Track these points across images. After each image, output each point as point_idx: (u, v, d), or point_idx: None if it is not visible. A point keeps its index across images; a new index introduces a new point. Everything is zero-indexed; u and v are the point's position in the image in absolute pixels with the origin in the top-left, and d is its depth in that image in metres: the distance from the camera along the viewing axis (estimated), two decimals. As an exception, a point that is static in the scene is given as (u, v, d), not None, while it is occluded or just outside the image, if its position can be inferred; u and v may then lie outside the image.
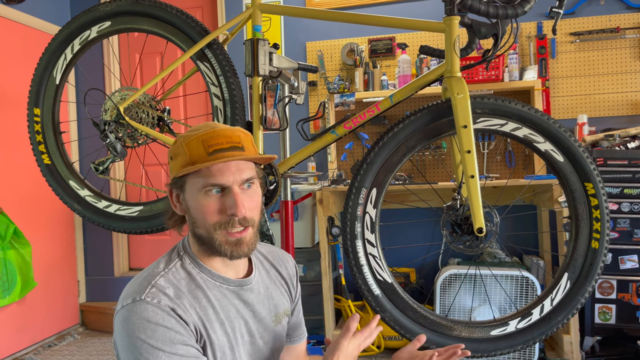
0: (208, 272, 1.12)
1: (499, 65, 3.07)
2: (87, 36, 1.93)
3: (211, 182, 1.05)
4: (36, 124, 2.00)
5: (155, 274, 1.07)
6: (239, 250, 1.08)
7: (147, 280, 1.06)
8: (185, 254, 1.13)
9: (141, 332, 0.98)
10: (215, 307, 1.10)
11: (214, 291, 1.11)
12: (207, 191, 1.06)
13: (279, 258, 1.32)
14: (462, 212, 1.65)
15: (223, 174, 1.05)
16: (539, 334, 1.62)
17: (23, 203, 3.34)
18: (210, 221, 1.06)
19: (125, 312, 1.01)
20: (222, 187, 1.06)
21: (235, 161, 1.06)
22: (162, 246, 3.91)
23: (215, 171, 1.05)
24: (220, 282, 1.13)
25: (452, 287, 2.68)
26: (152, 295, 1.02)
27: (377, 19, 1.75)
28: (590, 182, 1.57)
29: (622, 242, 2.63)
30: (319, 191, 2.85)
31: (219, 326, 1.09)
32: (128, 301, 1.02)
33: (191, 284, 1.09)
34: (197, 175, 1.06)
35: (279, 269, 1.30)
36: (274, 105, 2.00)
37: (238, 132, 1.10)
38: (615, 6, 3.17)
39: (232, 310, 1.13)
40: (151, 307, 1.00)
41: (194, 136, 1.06)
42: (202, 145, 1.05)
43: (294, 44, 3.58)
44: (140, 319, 0.99)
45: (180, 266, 1.11)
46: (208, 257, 1.13)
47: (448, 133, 1.62)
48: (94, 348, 3.40)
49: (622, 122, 3.14)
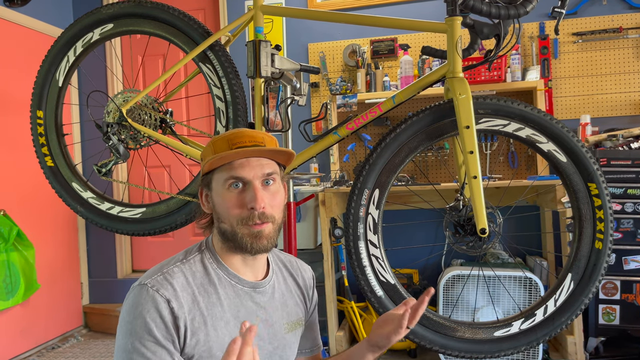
0: (225, 270, 1.15)
1: (501, 65, 3.06)
2: (89, 38, 1.94)
3: (233, 175, 1.10)
4: (39, 126, 2.00)
5: (172, 263, 1.13)
6: (259, 243, 1.11)
7: (161, 268, 1.11)
8: (207, 249, 1.17)
9: (127, 313, 1.05)
10: (224, 305, 1.11)
11: (227, 289, 1.13)
12: (229, 185, 1.11)
13: (298, 268, 1.34)
14: (464, 213, 1.64)
15: (244, 168, 1.10)
16: (543, 335, 1.62)
17: (26, 205, 3.35)
18: (233, 215, 1.10)
19: (131, 292, 1.09)
20: (243, 181, 1.10)
21: (256, 157, 1.11)
22: (165, 248, 3.92)
23: (236, 165, 1.10)
24: (236, 282, 1.15)
25: (455, 288, 2.68)
26: (155, 283, 1.06)
27: (379, 20, 1.74)
28: (594, 183, 1.56)
29: (626, 242, 2.62)
30: (321, 192, 2.85)
31: (223, 324, 1.10)
32: (137, 283, 1.09)
33: (205, 278, 1.12)
34: (220, 171, 1.12)
35: (297, 278, 1.32)
36: (276, 107, 2.00)
37: (263, 134, 1.15)
38: (617, 6, 3.16)
39: (242, 311, 1.14)
40: (145, 295, 1.04)
41: (221, 137, 1.14)
42: (226, 144, 1.12)
43: (296, 45, 3.58)
44: (132, 301, 1.05)
45: (199, 260, 1.15)
46: (229, 255, 1.16)
47: (450, 134, 1.62)
48: (97, 350, 3.40)
49: (625, 122, 3.14)
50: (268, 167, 1.13)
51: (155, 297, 1.04)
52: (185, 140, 1.94)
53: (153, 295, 1.04)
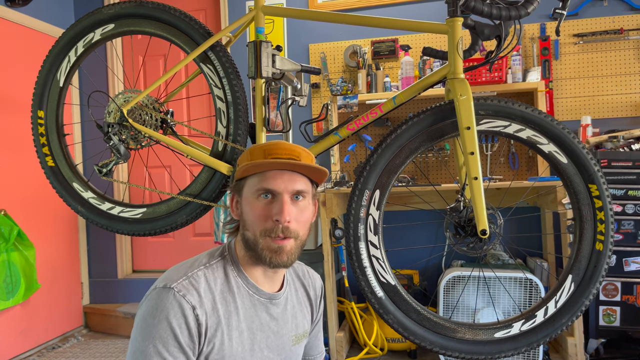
0: (245, 279, 1.15)
1: (502, 66, 3.06)
2: (90, 39, 1.94)
3: (264, 185, 1.11)
4: (40, 127, 2.00)
5: (195, 266, 1.12)
6: (278, 259, 1.10)
7: (185, 270, 1.11)
8: (230, 255, 1.17)
9: (150, 315, 1.03)
10: (240, 315, 1.12)
11: (244, 299, 1.13)
12: (259, 195, 1.11)
13: (309, 278, 1.34)
14: (465, 214, 1.64)
15: (276, 180, 1.11)
16: (543, 337, 1.61)
17: (27, 205, 3.35)
18: (258, 224, 1.10)
19: (154, 292, 1.07)
20: (273, 192, 1.11)
21: (289, 172, 1.12)
22: (166, 248, 3.92)
23: (269, 177, 1.11)
24: (253, 292, 1.15)
25: (456, 289, 2.67)
26: (181, 287, 1.05)
27: (380, 21, 1.74)
28: (594, 184, 1.56)
29: (627, 244, 2.62)
30: (322, 193, 2.85)
31: (237, 334, 1.10)
32: (161, 284, 1.07)
33: (225, 285, 1.12)
34: (253, 179, 1.13)
35: (307, 289, 1.32)
36: (277, 107, 2.00)
37: (299, 148, 1.16)
38: (618, 7, 3.16)
39: (256, 322, 1.14)
40: (172, 299, 1.03)
41: (259, 145, 1.15)
42: (263, 153, 1.13)
43: (297, 46, 3.59)
44: (157, 303, 1.04)
45: (221, 266, 1.15)
46: (251, 265, 1.16)
47: (451, 135, 1.62)
48: (98, 350, 3.40)
49: (626, 124, 3.14)
50: (300, 184, 1.13)
51: (182, 302, 1.03)
52: (186, 141, 1.94)
53: (180, 300, 1.03)
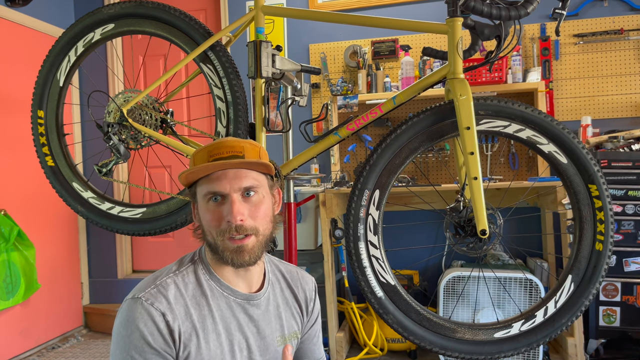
0: (217, 281, 1.14)
1: (502, 67, 3.06)
2: (90, 38, 1.94)
3: (210, 189, 1.09)
4: (40, 126, 2.00)
5: (164, 274, 1.12)
6: (240, 258, 1.09)
7: (154, 279, 1.11)
8: (200, 260, 1.16)
9: (123, 327, 1.05)
10: (215, 318, 1.11)
11: (219, 301, 1.12)
12: (209, 199, 1.10)
13: (298, 279, 1.31)
14: (465, 214, 1.64)
15: (220, 181, 1.09)
16: (543, 337, 1.61)
17: (27, 205, 3.35)
18: (213, 228, 1.10)
19: (124, 305, 1.08)
20: (220, 194, 1.09)
21: (233, 169, 1.10)
22: (166, 248, 3.92)
23: (214, 179, 1.09)
24: (228, 293, 1.14)
25: (456, 289, 2.67)
26: (149, 296, 1.06)
27: (380, 21, 1.75)
28: (594, 184, 1.56)
29: (627, 244, 2.62)
30: (322, 193, 2.85)
31: (215, 337, 1.10)
32: (130, 296, 1.08)
33: (197, 290, 1.11)
34: (201, 184, 1.12)
35: (295, 290, 1.29)
36: (277, 107, 2.00)
37: (244, 143, 1.13)
38: (619, 7, 3.16)
39: (233, 323, 1.13)
40: (140, 308, 1.04)
41: (202, 148, 1.13)
42: (206, 155, 1.11)
43: (297, 46, 3.59)
44: (127, 315, 1.05)
45: (192, 271, 1.14)
46: (220, 267, 1.15)
47: (451, 135, 1.62)
48: (97, 350, 3.40)
49: (626, 124, 3.13)
50: (247, 180, 1.10)
51: (150, 310, 1.04)
52: (186, 141, 1.94)
53: (148, 308, 1.04)
